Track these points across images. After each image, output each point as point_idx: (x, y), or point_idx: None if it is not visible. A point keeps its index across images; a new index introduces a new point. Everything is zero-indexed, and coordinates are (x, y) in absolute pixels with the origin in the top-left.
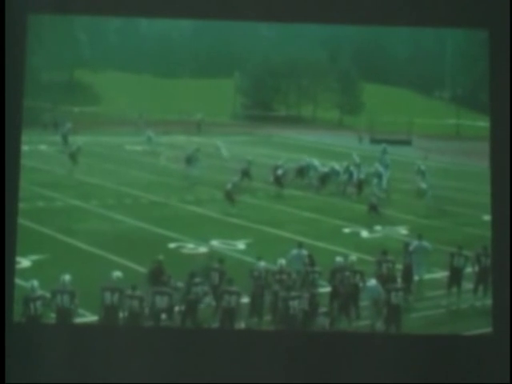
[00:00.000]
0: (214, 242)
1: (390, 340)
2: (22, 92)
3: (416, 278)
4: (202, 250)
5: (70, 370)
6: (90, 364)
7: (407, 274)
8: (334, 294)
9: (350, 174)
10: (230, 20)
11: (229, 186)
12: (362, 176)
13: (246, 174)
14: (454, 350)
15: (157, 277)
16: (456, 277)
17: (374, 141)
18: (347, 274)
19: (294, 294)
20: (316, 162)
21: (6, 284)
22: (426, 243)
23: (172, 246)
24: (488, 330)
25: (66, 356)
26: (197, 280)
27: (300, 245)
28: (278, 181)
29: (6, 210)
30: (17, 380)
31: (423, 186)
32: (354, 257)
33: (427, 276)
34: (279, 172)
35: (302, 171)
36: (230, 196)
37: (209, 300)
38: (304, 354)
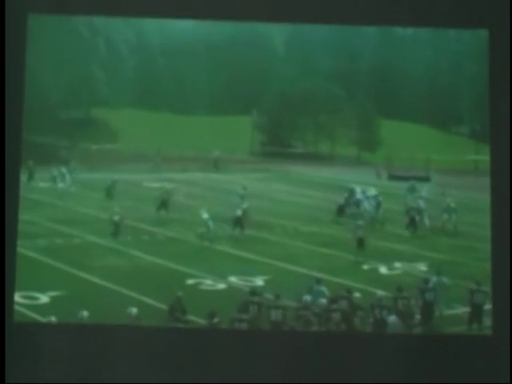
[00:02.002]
0: (233, 279)
1: (390, 340)
2: (23, 96)
3: (437, 313)
4: (221, 286)
5: (70, 370)
6: (90, 364)
7: (427, 310)
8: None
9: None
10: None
11: (116, 218)
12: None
13: (163, 204)
14: (454, 350)
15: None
16: (476, 313)
17: (392, 177)
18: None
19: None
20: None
21: (6, 284)
22: (444, 279)
23: (190, 282)
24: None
25: (66, 356)
26: (216, 320)
27: (318, 281)
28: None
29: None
30: (17, 380)
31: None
32: (381, 292)
33: (447, 312)
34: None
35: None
36: (116, 226)
37: None
38: (304, 354)
